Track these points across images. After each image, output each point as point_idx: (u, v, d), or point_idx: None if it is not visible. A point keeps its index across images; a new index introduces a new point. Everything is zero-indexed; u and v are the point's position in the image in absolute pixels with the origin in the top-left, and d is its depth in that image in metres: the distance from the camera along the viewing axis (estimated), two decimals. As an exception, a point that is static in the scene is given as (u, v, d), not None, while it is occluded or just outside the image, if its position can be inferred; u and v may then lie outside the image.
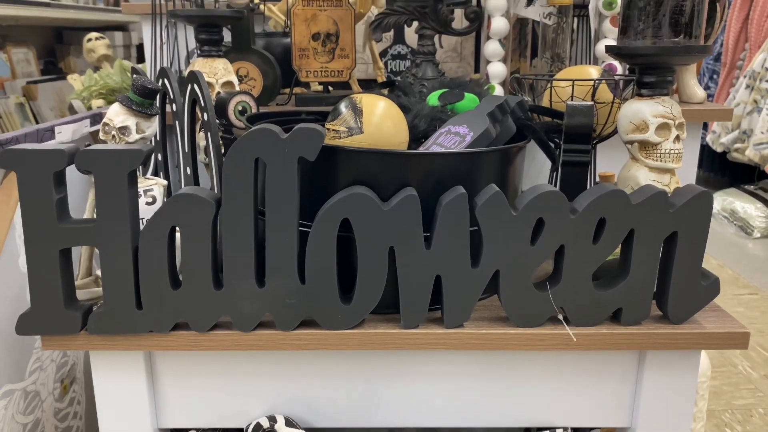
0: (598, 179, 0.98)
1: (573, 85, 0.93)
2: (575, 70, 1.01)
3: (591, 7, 1.14)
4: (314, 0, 1.18)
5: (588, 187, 0.98)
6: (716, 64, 4.07)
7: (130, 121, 0.76)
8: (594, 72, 0.98)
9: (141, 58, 6.06)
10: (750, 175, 3.77)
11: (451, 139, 0.87)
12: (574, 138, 0.83)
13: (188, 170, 0.90)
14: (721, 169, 4.06)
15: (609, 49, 0.82)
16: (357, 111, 0.85)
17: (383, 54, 1.52)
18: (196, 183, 0.91)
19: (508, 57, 1.17)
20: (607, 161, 1.07)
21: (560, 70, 1.15)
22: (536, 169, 1.21)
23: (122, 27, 5.84)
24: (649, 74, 0.80)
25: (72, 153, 0.68)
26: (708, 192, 0.72)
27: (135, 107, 0.76)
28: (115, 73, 2.20)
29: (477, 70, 1.57)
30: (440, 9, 1.14)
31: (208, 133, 0.81)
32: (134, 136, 0.77)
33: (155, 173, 1.03)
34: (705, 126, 4.19)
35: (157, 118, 0.80)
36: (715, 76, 4.08)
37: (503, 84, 1.17)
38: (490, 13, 1.14)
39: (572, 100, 0.94)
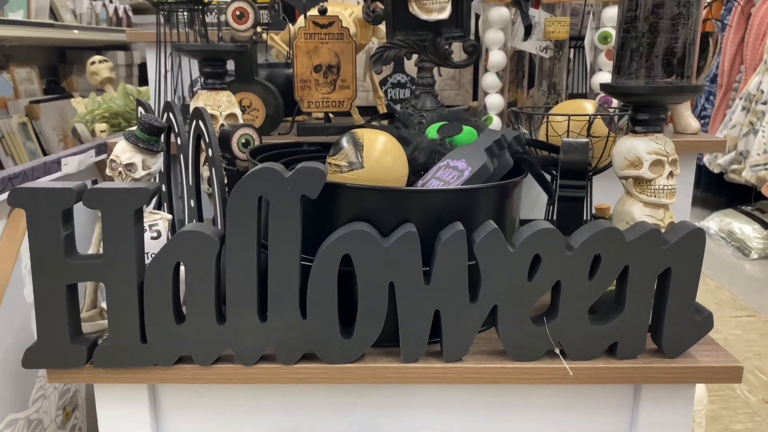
0: (594, 211, 1.00)
1: (569, 120, 0.95)
2: (571, 104, 1.03)
3: (586, 40, 1.16)
4: (316, 33, 1.20)
5: (584, 219, 1.00)
6: (712, 86, 4.11)
7: (137, 158, 0.78)
8: (589, 107, 1.00)
9: (143, 78, 6.12)
10: (747, 195, 3.79)
11: (450, 173, 0.89)
12: (570, 174, 0.85)
13: (192, 203, 0.92)
14: (719, 189, 4.09)
15: (603, 88, 0.84)
16: (358, 146, 0.87)
17: (383, 82, 1.55)
18: (200, 215, 0.93)
19: (505, 88, 1.20)
20: (604, 192, 1.08)
21: (557, 102, 1.17)
22: (533, 198, 1.23)
23: (124, 46, 5.90)
24: (642, 112, 0.82)
25: (80, 191, 0.70)
26: (700, 229, 0.74)
27: (141, 144, 0.78)
28: (118, 96, 2.23)
29: (475, 97, 1.60)
30: (439, 42, 1.16)
31: (212, 168, 0.83)
32: (140, 173, 0.78)
33: (159, 204, 1.05)
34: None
35: (162, 154, 0.81)
36: (711, 98, 4.12)
37: (501, 115, 1.20)
38: (488, 46, 1.16)
39: (568, 134, 0.96)
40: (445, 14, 1.11)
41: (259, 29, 1.53)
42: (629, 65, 0.80)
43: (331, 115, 1.31)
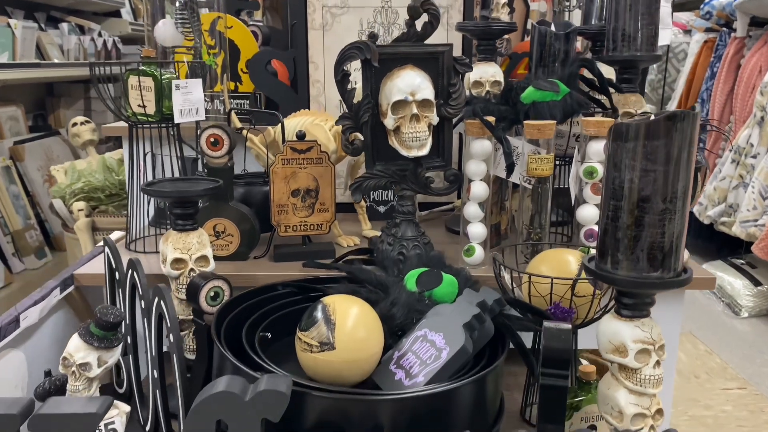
0: (578, 373, 0.96)
1: (552, 284, 0.92)
2: (554, 255, 0.99)
3: (572, 174, 1.13)
4: (294, 158, 1.16)
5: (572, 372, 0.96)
6: (703, 134, 4.10)
7: (92, 357, 0.73)
8: (573, 261, 0.96)
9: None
10: (737, 243, 3.77)
11: (427, 349, 0.85)
12: (552, 363, 0.81)
13: (155, 373, 0.87)
14: (709, 237, 4.06)
15: (587, 270, 0.80)
16: (329, 323, 0.83)
17: (365, 183, 1.51)
18: (163, 386, 0.88)
19: (487, 216, 1.16)
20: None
21: (540, 236, 1.14)
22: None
23: (114, 78, 5.84)
24: (628, 297, 0.79)
25: (25, 414, 0.65)
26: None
27: (96, 343, 0.73)
28: (97, 170, 2.18)
29: (458, 196, 1.56)
30: (420, 172, 1.13)
31: (173, 355, 0.79)
32: (95, 371, 0.74)
33: (124, 353, 1.00)
34: (693, 194, 4.22)
35: (120, 345, 0.77)
36: (701, 145, 4.11)
37: (483, 244, 1.16)
38: (470, 177, 1.13)
39: (551, 298, 0.92)
40: (425, 150, 1.08)
41: (238, 124, 1.49)
42: (614, 254, 0.76)
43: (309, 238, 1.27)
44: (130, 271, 0.92)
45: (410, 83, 1.05)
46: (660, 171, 0.72)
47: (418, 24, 1.07)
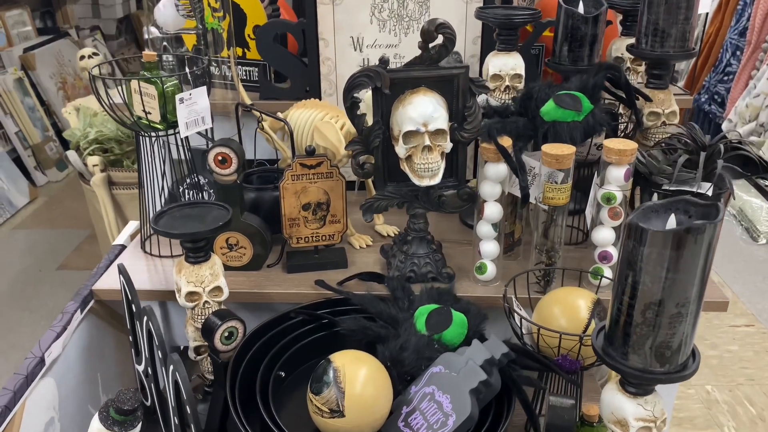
0: (582, 413, 0.99)
1: (560, 338, 0.92)
2: (565, 297, 0.99)
3: (590, 197, 1.09)
4: (303, 174, 1.14)
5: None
6: (741, 40, 3.86)
7: (114, 440, 0.77)
8: (583, 306, 0.96)
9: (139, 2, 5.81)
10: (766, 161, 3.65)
11: (434, 412, 0.88)
12: (555, 437, 0.83)
13: (176, 419, 0.92)
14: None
15: (595, 352, 0.80)
16: (339, 390, 0.86)
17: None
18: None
19: (501, 235, 1.14)
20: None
21: (551, 260, 1.12)
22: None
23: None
24: (633, 378, 0.79)
25: None
26: None
27: (117, 428, 0.77)
28: (109, 119, 2.15)
29: (474, 174, 1.52)
30: (432, 193, 1.10)
31: (192, 425, 0.83)
32: (119, 451, 0.78)
33: (146, 374, 1.05)
34: (723, 105, 4.04)
35: (141, 422, 0.81)
36: (738, 53, 3.88)
37: (496, 261, 1.15)
38: (484, 197, 1.10)
39: (559, 350, 0.93)
40: (437, 179, 1.05)
41: (248, 101, 1.44)
42: (621, 345, 0.76)
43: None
44: (145, 318, 0.95)
45: (423, 113, 0.99)
46: (675, 279, 0.70)
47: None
